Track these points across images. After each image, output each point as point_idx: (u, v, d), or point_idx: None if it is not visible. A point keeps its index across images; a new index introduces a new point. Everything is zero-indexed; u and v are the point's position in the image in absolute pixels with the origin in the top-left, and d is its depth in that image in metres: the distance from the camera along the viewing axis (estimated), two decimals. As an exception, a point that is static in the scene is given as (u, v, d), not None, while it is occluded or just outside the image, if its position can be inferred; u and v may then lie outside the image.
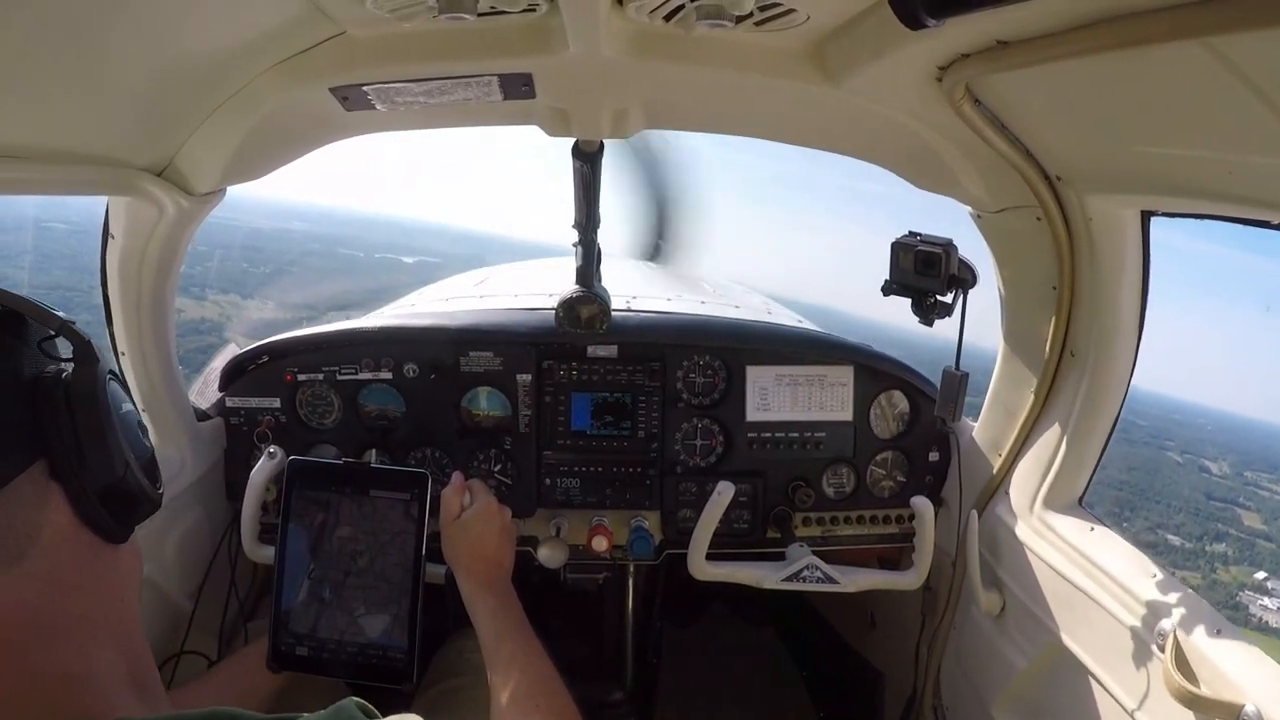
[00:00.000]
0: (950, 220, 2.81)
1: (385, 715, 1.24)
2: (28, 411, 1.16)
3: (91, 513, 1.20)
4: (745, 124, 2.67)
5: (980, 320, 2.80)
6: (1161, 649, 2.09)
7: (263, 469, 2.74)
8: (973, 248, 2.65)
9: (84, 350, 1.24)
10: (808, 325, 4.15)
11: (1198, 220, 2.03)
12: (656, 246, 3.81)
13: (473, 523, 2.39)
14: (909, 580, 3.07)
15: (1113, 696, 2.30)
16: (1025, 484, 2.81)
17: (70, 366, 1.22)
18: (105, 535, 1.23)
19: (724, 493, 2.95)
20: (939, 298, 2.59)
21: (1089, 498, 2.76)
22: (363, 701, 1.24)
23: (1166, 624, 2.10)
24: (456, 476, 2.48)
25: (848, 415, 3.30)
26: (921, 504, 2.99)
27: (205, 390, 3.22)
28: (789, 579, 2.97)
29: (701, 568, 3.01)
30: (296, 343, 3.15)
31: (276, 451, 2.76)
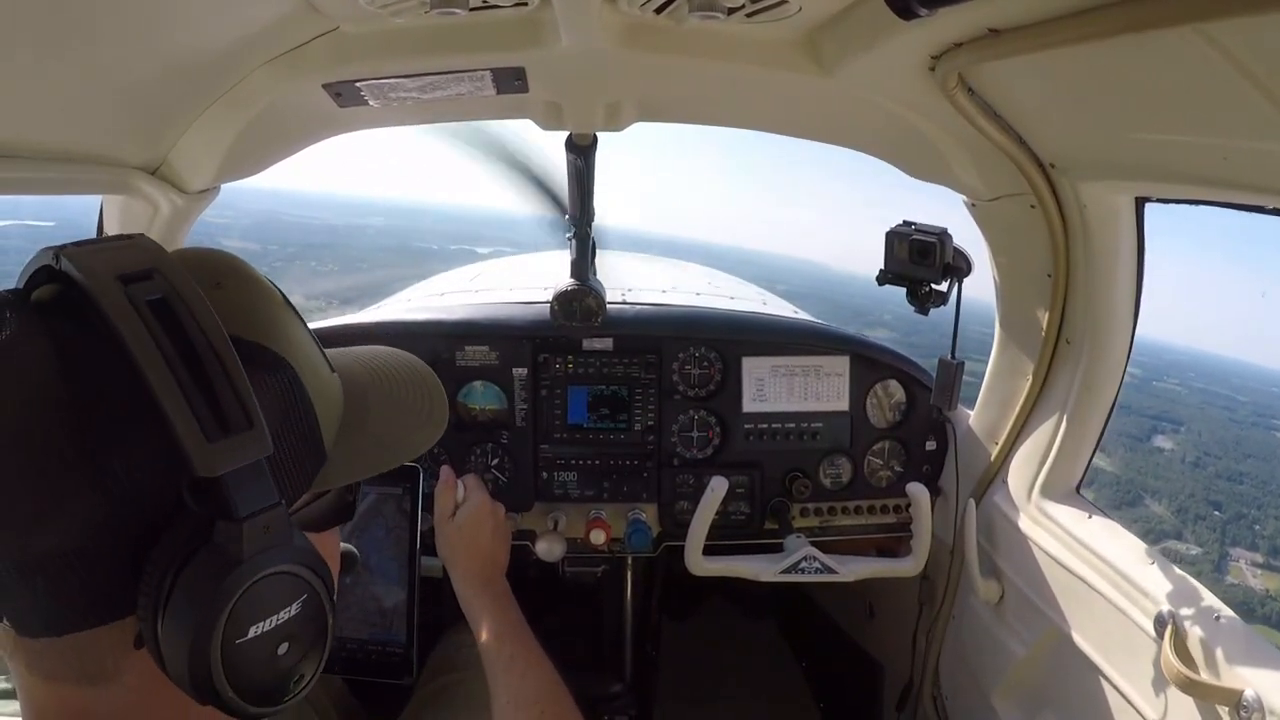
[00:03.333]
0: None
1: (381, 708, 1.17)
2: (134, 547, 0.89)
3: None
4: (738, 116, 2.67)
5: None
6: (1161, 635, 2.09)
7: None
8: (967, 234, 2.66)
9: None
10: (803, 316, 4.16)
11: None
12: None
13: (466, 522, 2.38)
14: (907, 567, 3.07)
15: (1112, 684, 2.30)
16: (1022, 472, 2.81)
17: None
18: None
19: (717, 489, 2.95)
20: (934, 286, 2.60)
21: (1086, 484, 2.76)
22: None
23: (1166, 610, 2.11)
24: (445, 471, 2.46)
25: (844, 405, 3.31)
26: (917, 490, 3.00)
27: None
28: (787, 570, 2.98)
29: (699, 564, 3.02)
30: None
31: None
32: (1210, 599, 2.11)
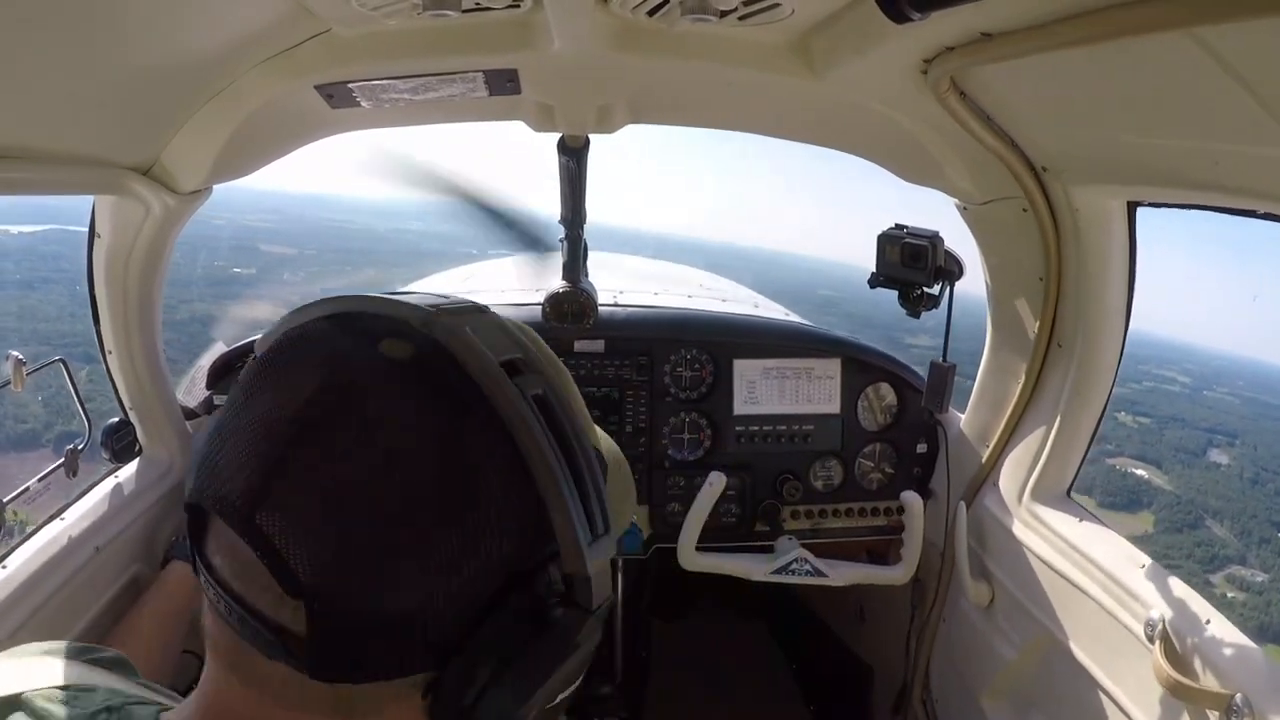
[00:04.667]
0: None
1: None
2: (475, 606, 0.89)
3: None
4: (730, 118, 2.67)
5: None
6: (1151, 640, 2.09)
7: None
8: (960, 238, 2.66)
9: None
10: (795, 318, 4.16)
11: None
12: (526, 239, 3.81)
13: None
14: (897, 575, 3.08)
15: (1102, 688, 2.30)
16: (1013, 475, 2.81)
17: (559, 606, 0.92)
18: None
19: (715, 483, 2.96)
20: (926, 290, 2.60)
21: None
22: None
23: (1156, 614, 2.11)
24: None
25: (835, 408, 3.32)
26: (911, 499, 3.01)
27: (193, 389, 3.20)
28: (778, 571, 2.98)
29: (691, 558, 3.02)
30: None
31: None
32: (1200, 603, 2.11)
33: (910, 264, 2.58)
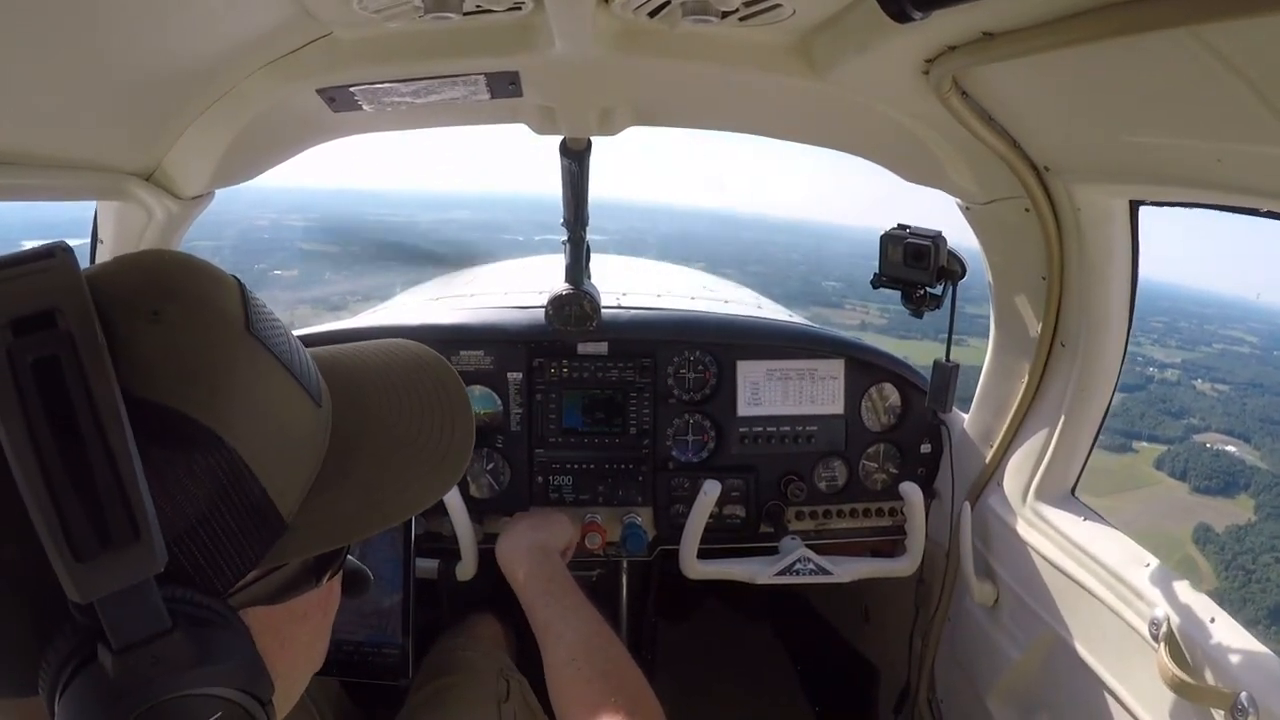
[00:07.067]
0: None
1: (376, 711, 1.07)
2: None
3: None
4: (732, 119, 2.67)
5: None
6: (1156, 638, 2.09)
7: None
8: (962, 236, 2.66)
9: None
10: (798, 320, 4.16)
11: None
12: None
13: (511, 520, 2.76)
14: (902, 567, 3.08)
15: (1107, 687, 2.30)
16: (1018, 475, 2.81)
17: None
18: None
19: (710, 492, 2.97)
20: (929, 289, 2.61)
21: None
22: None
23: (1160, 613, 2.11)
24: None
25: (839, 409, 3.31)
26: (910, 489, 3.02)
27: None
28: (782, 572, 2.98)
29: (694, 567, 3.02)
30: None
31: None
32: (1205, 601, 2.11)
33: (913, 264, 2.58)
